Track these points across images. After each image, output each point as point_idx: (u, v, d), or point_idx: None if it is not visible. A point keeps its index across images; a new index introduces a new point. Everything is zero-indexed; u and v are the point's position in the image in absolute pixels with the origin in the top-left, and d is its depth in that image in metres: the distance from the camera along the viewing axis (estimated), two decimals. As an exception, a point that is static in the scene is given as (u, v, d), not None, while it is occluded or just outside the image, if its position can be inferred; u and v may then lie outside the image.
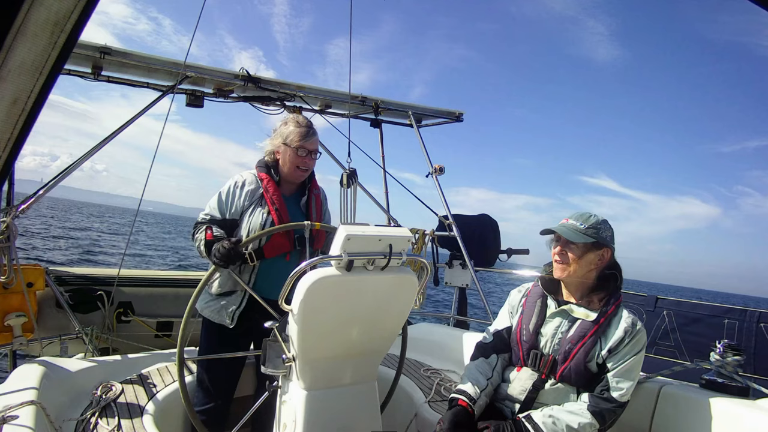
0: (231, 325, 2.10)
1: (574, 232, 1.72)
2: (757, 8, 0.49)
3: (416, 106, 4.29)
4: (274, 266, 2.11)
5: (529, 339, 1.78)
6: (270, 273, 2.11)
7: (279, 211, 2.11)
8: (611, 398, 1.62)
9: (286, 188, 2.25)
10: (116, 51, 2.97)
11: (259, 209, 2.13)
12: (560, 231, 1.74)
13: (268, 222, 2.10)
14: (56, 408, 1.82)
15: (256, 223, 2.10)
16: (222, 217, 2.12)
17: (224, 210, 2.13)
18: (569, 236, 1.72)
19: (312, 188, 2.31)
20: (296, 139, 2.15)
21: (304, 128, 2.17)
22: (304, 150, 2.16)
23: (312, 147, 2.19)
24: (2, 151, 0.69)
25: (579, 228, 1.72)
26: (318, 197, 2.33)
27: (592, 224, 1.73)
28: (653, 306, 3.68)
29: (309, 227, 1.91)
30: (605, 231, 1.74)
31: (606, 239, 1.73)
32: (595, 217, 1.75)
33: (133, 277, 3.51)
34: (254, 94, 3.61)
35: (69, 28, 0.62)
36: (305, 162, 2.18)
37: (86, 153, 3.04)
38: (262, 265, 2.10)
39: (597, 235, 1.71)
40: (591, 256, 1.72)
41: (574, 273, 1.74)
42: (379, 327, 1.79)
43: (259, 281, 2.10)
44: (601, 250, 1.73)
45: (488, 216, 4.44)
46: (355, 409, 1.81)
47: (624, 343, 1.65)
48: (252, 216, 2.12)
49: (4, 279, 2.54)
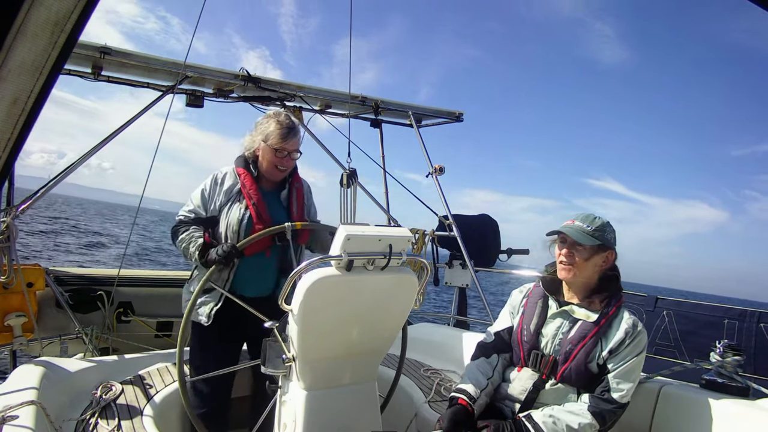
0: (207, 323, 2.07)
1: (582, 234, 1.71)
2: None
3: (416, 106, 4.29)
4: (253, 263, 2.10)
5: (530, 339, 1.78)
6: (248, 270, 2.10)
7: (256, 206, 2.09)
8: (611, 399, 1.62)
9: (265, 183, 2.21)
10: (116, 51, 2.96)
11: (237, 204, 2.11)
12: (569, 232, 1.73)
13: (246, 217, 2.08)
14: (56, 408, 1.82)
15: (233, 218, 2.08)
16: (205, 214, 2.12)
17: (207, 207, 2.13)
18: (578, 238, 1.71)
19: (293, 182, 2.27)
20: (276, 139, 2.09)
21: (285, 129, 2.11)
22: (283, 151, 2.12)
23: (291, 147, 2.13)
24: (2, 151, 0.69)
25: (586, 230, 1.71)
26: (300, 190, 2.28)
27: (598, 226, 1.72)
28: (653, 306, 3.68)
29: (290, 228, 1.90)
30: (609, 233, 1.74)
31: (610, 241, 1.74)
32: (599, 219, 1.75)
33: (133, 277, 3.51)
34: (254, 94, 3.61)
35: (69, 28, 0.62)
36: (284, 162, 2.14)
37: (86, 153, 3.03)
38: (240, 262, 2.06)
39: (603, 237, 1.71)
40: (597, 258, 1.72)
41: (580, 275, 1.74)
42: (379, 327, 1.79)
43: (238, 278, 2.09)
44: (606, 253, 1.73)
45: (488, 216, 4.44)
46: (355, 409, 1.81)
47: (625, 345, 1.65)
48: (230, 211, 2.10)
49: (4, 279, 2.54)
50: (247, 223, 2.08)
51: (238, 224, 2.07)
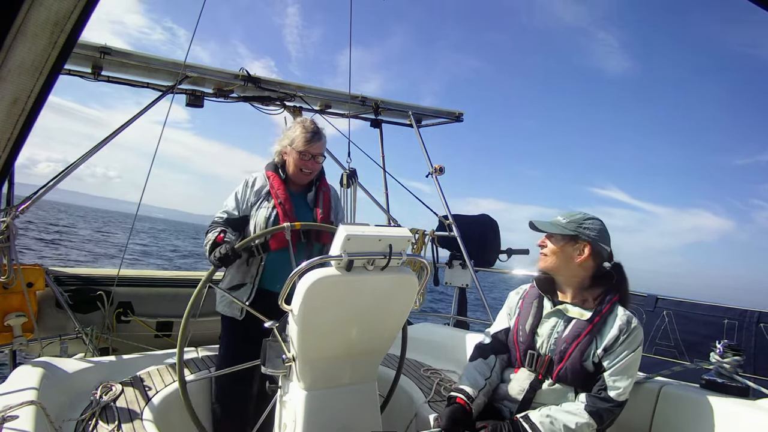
0: (240, 317, 2.21)
1: (552, 225, 1.80)
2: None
3: (416, 106, 4.29)
4: (280, 258, 2.16)
5: (525, 340, 1.79)
6: (276, 265, 2.19)
7: (283, 205, 2.21)
8: (608, 398, 1.62)
9: (293, 186, 2.34)
10: (116, 51, 2.97)
11: (265, 204, 2.25)
12: (538, 224, 1.83)
13: (273, 215, 2.21)
14: (56, 408, 1.82)
15: (261, 216, 2.22)
16: (238, 215, 2.25)
17: (240, 207, 2.26)
18: (546, 227, 1.81)
19: (321, 185, 2.39)
20: (301, 143, 2.23)
21: (309, 133, 2.24)
22: (307, 154, 2.24)
23: (316, 151, 2.26)
24: (2, 151, 0.69)
25: (560, 222, 1.79)
26: (327, 194, 2.41)
27: (575, 219, 1.78)
28: (653, 306, 3.68)
29: (289, 228, 1.93)
30: (587, 227, 1.76)
31: (586, 234, 1.75)
32: (582, 214, 1.80)
33: (132, 277, 3.50)
34: (254, 94, 3.62)
35: (69, 28, 0.62)
36: (308, 165, 2.27)
37: (84, 154, 3.03)
38: (268, 257, 2.19)
39: (576, 229, 1.75)
40: (568, 248, 1.76)
41: (554, 264, 1.78)
42: (379, 327, 1.79)
43: (266, 273, 2.21)
44: (579, 244, 1.75)
45: (488, 216, 4.43)
46: (355, 409, 1.81)
47: (619, 341, 1.65)
48: (258, 210, 2.24)
49: (4, 279, 2.54)
50: (273, 221, 2.19)
51: (265, 222, 2.20)
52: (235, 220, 2.24)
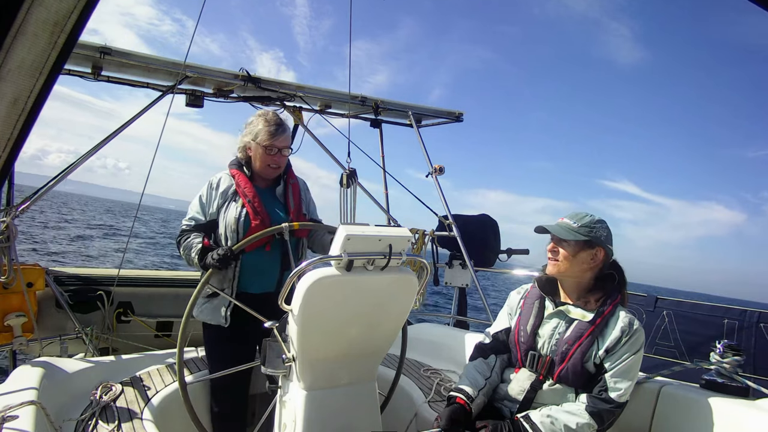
0: (225, 324, 2.12)
1: (565, 230, 1.73)
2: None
3: (416, 106, 4.28)
4: (255, 259, 2.12)
5: (526, 340, 1.78)
6: (252, 266, 2.12)
7: (252, 203, 2.12)
8: (609, 399, 1.62)
9: (260, 182, 2.25)
10: (116, 51, 2.96)
11: (233, 204, 2.14)
12: (551, 229, 1.76)
13: (243, 214, 2.11)
14: (56, 408, 1.82)
15: (231, 217, 2.11)
16: (204, 219, 2.15)
17: (206, 212, 2.16)
18: (560, 234, 1.74)
19: (288, 178, 2.31)
20: (265, 137, 2.14)
21: (273, 126, 2.15)
22: (273, 148, 2.15)
23: (281, 144, 2.17)
24: (2, 151, 0.69)
25: (572, 226, 1.74)
26: (296, 186, 2.32)
27: (586, 223, 1.74)
28: (653, 306, 3.68)
29: (288, 228, 1.91)
30: (600, 231, 1.74)
31: (600, 239, 1.73)
32: (590, 216, 1.76)
33: (132, 277, 3.50)
34: (254, 94, 3.61)
35: (69, 28, 0.62)
36: (275, 160, 2.18)
37: (86, 153, 3.03)
38: (243, 259, 2.10)
39: (590, 234, 1.72)
40: (583, 254, 1.73)
41: (567, 270, 1.75)
42: (379, 327, 1.79)
43: (243, 276, 2.12)
44: (594, 249, 1.73)
45: (488, 216, 4.44)
46: (355, 409, 1.81)
47: (621, 343, 1.65)
48: (227, 211, 2.13)
49: (4, 279, 2.54)
50: (244, 220, 2.10)
51: (235, 223, 2.10)
52: (203, 225, 2.15)
